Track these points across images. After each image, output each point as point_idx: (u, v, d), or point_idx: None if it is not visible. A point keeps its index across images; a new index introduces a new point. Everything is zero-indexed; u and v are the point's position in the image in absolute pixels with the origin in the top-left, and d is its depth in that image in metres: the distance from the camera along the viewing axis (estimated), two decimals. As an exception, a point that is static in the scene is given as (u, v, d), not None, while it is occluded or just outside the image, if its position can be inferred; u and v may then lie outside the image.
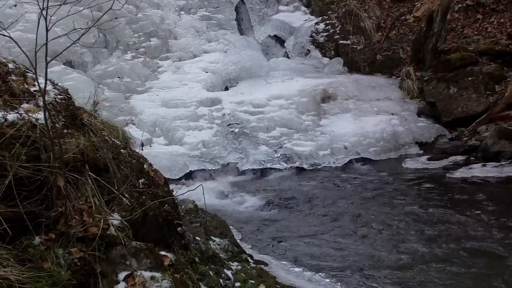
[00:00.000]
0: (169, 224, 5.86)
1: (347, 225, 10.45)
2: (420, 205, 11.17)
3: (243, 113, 16.09)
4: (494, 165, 13.03)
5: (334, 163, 14.74)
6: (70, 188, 4.87)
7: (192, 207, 8.94)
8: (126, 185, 5.23)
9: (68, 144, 5.02)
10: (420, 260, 8.61)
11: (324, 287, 7.75)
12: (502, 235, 9.34)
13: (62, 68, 16.01)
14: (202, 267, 6.26)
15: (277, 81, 18.51)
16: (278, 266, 8.48)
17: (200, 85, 17.74)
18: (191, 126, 15.23)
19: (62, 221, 4.68)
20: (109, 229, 4.91)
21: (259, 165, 14.42)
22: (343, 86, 18.01)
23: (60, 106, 5.45)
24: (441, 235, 9.54)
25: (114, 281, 4.70)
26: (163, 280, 4.82)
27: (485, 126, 15.13)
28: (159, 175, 6.25)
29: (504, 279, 7.77)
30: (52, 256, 4.35)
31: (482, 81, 16.29)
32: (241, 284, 7.10)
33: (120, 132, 6.54)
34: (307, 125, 15.98)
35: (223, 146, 14.74)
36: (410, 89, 17.83)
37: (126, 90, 17.03)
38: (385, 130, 15.78)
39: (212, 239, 8.13)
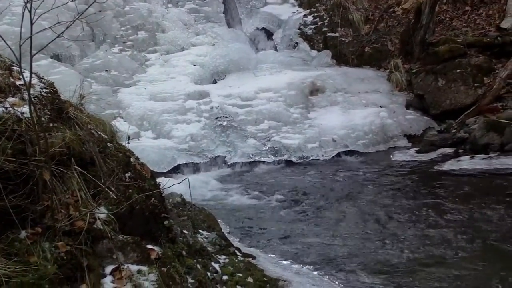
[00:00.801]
0: (156, 217, 5.84)
1: (335, 217, 10.45)
2: (408, 198, 11.19)
3: (231, 106, 16.08)
4: (483, 157, 13.05)
5: (322, 156, 14.75)
6: (56, 182, 4.84)
7: (179, 200, 8.91)
8: (112, 178, 5.21)
9: (54, 138, 5.00)
10: (408, 252, 8.62)
11: (312, 279, 7.74)
12: (490, 227, 9.37)
13: (49, 61, 15.96)
14: (190, 261, 6.25)
15: (265, 74, 18.47)
16: (266, 259, 8.47)
17: (188, 78, 17.71)
18: (179, 120, 15.21)
19: (48, 215, 4.66)
20: (95, 223, 4.89)
21: (247, 158, 14.42)
22: (332, 78, 18.01)
23: (46, 99, 5.42)
24: (429, 227, 9.55)
25: (100, 274, 4.69)
26: (150, 273, 4.81)
27: (474, 118, 15.16)
28: (145, 169, 6.23)
29: (494, 267, 7.81)
30: (39, 250, 4.33)
31: (471, 73, 16.32)
32: (228, 277, 7.10)
33: (106, 126, 6.51)
34: (296, 118, 15.97)
35: (211, 140, 14.73)
36: (399, 81, 17.85)
37: (113, 83, 16.98)
38: (374, 122, 15.79)
39: (200, 232, 8.11)
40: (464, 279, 7.61)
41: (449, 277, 7.71)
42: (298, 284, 7.55)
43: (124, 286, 4.63)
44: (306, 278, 7.80)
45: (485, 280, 7.58)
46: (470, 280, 7.59)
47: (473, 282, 7.54)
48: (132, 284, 4.65)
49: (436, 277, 7.74)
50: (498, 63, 16.70)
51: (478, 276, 7.71)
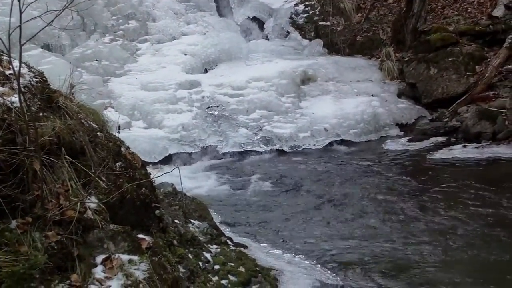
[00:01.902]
0: (147, 207, 5.83)
1: (327, 206, 10.46)
2: (400, 186, 11.21)
3: (223, 96, 16.05)
4: (475, 146, 13.09)
5: (314, 145, 14.74)
6: (46, 171, 4.81)
7: (170, 190, 8.89)
8: (103, 168, 5.19)
9: (44, 127, 4.97)
10: (399, 240, 8.64)
11: (304, 268, 7.75)
12: (483, 215, 9.39)
13: (39, 51, 15.89)
14: (181, 250, 6.24)
15: (257, 63, 18.46)
16: (257, 248, 8.48)
17: (179, 68, 17.65)
18: (170, 109, 15.18)
19: (38, 204, 4.64)
20: (86, 212, 4.86)
21: (239, 148, 14.41)
22: (323, 67, 17.99)
23: (36, 89, 5.39)
24: (421, 216, 9.57)
25: (91, 264, 4.67)
26: (141, 263, 4.79)
27: (466, 107, 15.17)
28: (136, 158, 6.20)
29: (488, 251, 7.83)
30: (29, 240, 4.31)
31: (463, 61, 16.31)
32: (220, 266, 7.10)
33: (97, 115, 6.49)
34: (287, 107, 15.95)
35: (202, 129, 14.71)
36: (390, 70, 17.83)
37: (104, 73, 16.91)
38: (365, 111, 15.78)
39: (191, 222, 8.11)
40: (458, 264, 7.63)
41: (443, 264, 7.73)
42: (290, 273, 7.56)
43: (115, 275, 4.61)
44: (298, 267, 7.82)
45: (480, 265, 7.61)
46: (463, 264, 7.61)
47: (467, 267, 7.57)
48: (123, 274, 4.63)
49: (429, 265, 7.76)
50: (490, 52, 16.68)
51: (474, 261, 7.73)
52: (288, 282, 7.30)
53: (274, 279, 7.27)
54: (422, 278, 7.43)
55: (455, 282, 7.29)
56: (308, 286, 7.21)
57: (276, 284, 7.16)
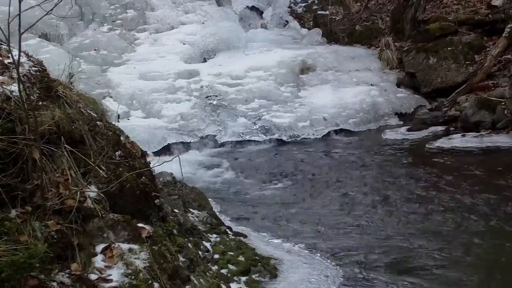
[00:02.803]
0: (147, 196, 5.83)
1: (327, 196, 10.45)
2: (399, 176, 11.19)
3: (221, 85, 16.02)
4: (474, 135, 13.05)
5: (313, 135, 14.71)
6: (46, 160, 4.81)
7: (170, 179, 8.90)
8: (102, 157, 5.18)
9: (43, 116, 4.97)
10: (400, 229, 8.63)
11: (303, 258, 7.74)
12: (483, 204, 9.37)
13: (37, 41, 15.86)
14: (181, 239, 6.24)
15: (256, 52, 18.41)
16: (257, 237, 8.48)
17: (177, 57, 17.63)
18: (169, 99, 15.15)
19: (38, 194, 4.64)
20: (85, 201, 4.87)
21: (238, 137, 14.38)
22: (322, 57, 17.96)
23: (35, 78, 5.39)
24: (420, 205, 9.56)
25: (91, 253, 4.67)
26: (141, 252, 4.79)
27: (465, 96, 15.15)
28: (136, 147, 6.20)
29: (486, 239, 7.84)
30: (29, 229, 4.31)
31: (462, 51, 16.30)
32: (220, 255, 7.10)
33: (96, 104, 6.48)
34: (286, 96, 15.92)
35: (201, 119, 14.69)
36: (390, 59, 17.80)
37: (102, 62, 16.89)
38: (365, 101, 15.75)
39: (191, 211, 8.11)
40: (455, 253, 7.63)
41: (444, 252, 7.72)
42: (289, 262, 7.56)
43: (115, 264, 4.62)
44: (298, 256, 7.81)
45: (482, 253, 7.61)
46: (463, 252, 7.61)
47: (467, 254, 7.57)
48: (123, 263, 4.64)
49: (430, 253, 7.76)
50: (489, 41, 16.69)
51: (474, 248, 7.73)
52: (287, 271, 7.29)
53: (274, 268, 7.27)
54: (423, 266, 7.41)
55: (456, 270, 7.29)
56: (307, 275, 7.21)
57: (275, 273, 7.16)
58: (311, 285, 6.96)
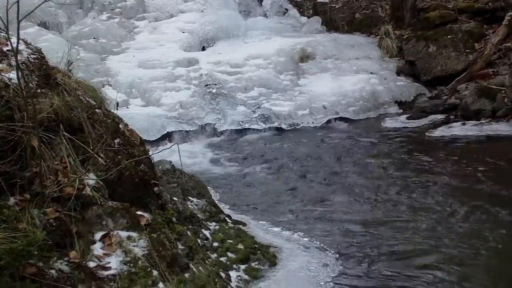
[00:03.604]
0: (146, 184, 5.82)
1: (326, 184, 10.44)
2: (399, 164, 11.19)
3: (221, 73, 15.97)
4: (474, 124, 13.04)
5: (313, 123, 14.70)
6: (45, 148, 4.81)
7: (169, 167, 8.89)
8: (101, 144, 5.17)
9: (42, 104, 4.96)
10: (398, 216, 8.63)
11: (302, 246, 7.74)
12: (482, 192, 9.38)
13: (36, 29, 15.83)
14: (180, 227, 6.24)
15: (255, 40, 18.38)
16: (256, 226, 8.48)
17: (177, 46, 17.58)
18: (168, 87, 15.11)
19: (37, 181, 4.63)
20: (84, 189, 4.86)
21: (237, 125, 14.36)
22: (322, 45, 17.92)
23: (33, 65, 5.39)
24: (420, 193, 9.55)
25: (90, 241, 4.67)
26: (140, 239, 4.79)
27: (465, 84, 15.11)
28: (135, 135, 6.19)
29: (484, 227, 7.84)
30: (27, 217, 4.31)
31: (462, 39, 16.26)
32: (219, 243, 7.10)
33: (95, 92, 6.46)
34: (286, 85, 15.88)
35: (200, 107, 14.66)
36: (389, 48, 17.76)
37: (102, 51, 16.85)
38: (364, 89, 15.72)
39: (190, 199, 8.11)
40: (457, 240, 7.63)
41: (444, 242, 7.72)
42: (288, 250, 7.57)
43: (114, 252, 4.62)
44: (297, 244, 7.81)
45: (482, 240, 7.61)
46: (465, 241, 7.61)
47: (467, 242, 7.57)
48: (122, 250, 4.64)
49: (429, 244, 7.76)
50: (489, 29, 16.63)
51: (473, 236, 7.73)
52: (287, 259, 7.30)
53: (273, 256, 7.27)
54: (422, 257, 7.40)
55: (456, 259, 7.29)
56: (307, 263, 7.21)
57: (275, 261, 7.16)
58: (310, 273, 6.96)
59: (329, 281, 6.79)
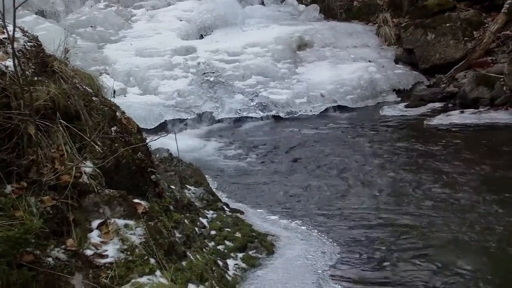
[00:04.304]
0: (143, 172, 5.80)
1: (324, 172, 10.44)
2: (397, 152, 11.18)
3: (218, 62, 15.95)
4: (472, 112, 13.05)
5: (310, 111, 14.70)
6: (41, 136, 4.79)
7: (166, 155, 8.89)
8: (98, 132, 5.15)
9: (39, 92, 4.94)
10: (398, 205, 8.62)
11: (300, 234, 7.74)
12: (480, 180, 9.37)
13: (34, 17, 15.76)
14: (177, 215, 6.23)
15: (253, 29, 18.38)
16: (254, 214, 8.48)
17: (174, 34, 17.55)
18: (165, 75, 15.09)
19: (33, 169, 4.62)
20: (81, 177, 4.84)
21: (235, 114, 14.36)
22: (320, 33, 17.91)
23: (30, 53, 5.37)
24: (419, 182, 9.55)
25: (87, 229, 4.65)
26: (137, 227, 4.78)
27: (463, 72, 15.13)
28: (132, 123, 6.17)
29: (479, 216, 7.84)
30: (24, 205, 4.30)
31: (460, 27, 16.25)
32: (216, 232, 7.10)
33: (92, 80, 6.44)
34: (283, 73, 15.87)
35: (198, 95, 14.64)
36: (388, 36, 17.75)
37: (99, 39, 16.81)
38: (362, 77, 15.72)
39: (187, 187, 8.10)
40: (454, 228, 7.63)
41: (442, 229, 7.72)
42: (286, 238, 7.57)
43: (111, 240, 4.60)
44: (295, 232, 7.81)
45: (480, 227, 7.61)
46: (462, 228, 7.61)
47: (466, 229, 7.57)
48: (119, 238, 4.62)
49: (426, 228, 7.76)
50: (488, 17, 16.63)
51: (471, 222, 7.73)
52: (284, 247, 7.30)
53: (271, 244, 7.28)
54: (421, 244, 7.41)
55: (454, 244, 7.30)
56: (304, 251, 7.21)
57: (272, 249, 7.17)
58: (308, 262, 6.96)
59: (326, 269, 6.79)
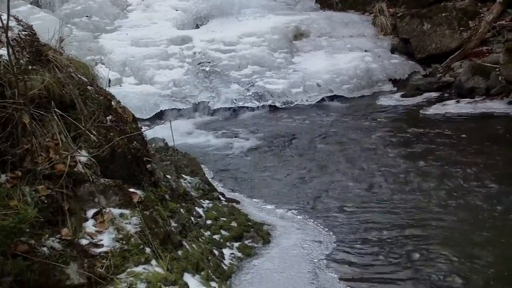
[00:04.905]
0: (138, 161, 5.79)
1: (320, 162, 10.42)
2: (393, 142, 11.18)
3: (214, 51, 15.92)
4: (468, 101, 13.06)
5: (307, 101, 14.67)
6: (36, 125, 4.78)
7: (162, 145, 8.86)
8: (93, 121, 5.13)
9: (33, 81, 4.93)
10: (393, 194, 8.62)
11: (296, 223, 7.74)
12: (474, 170, 9.37)
13: (28, 7, 15.71)
14: (173, 205, 6.21)
15: (249, 18, 18.31)
16: (250, 203, 8.47)
17: (170, 24, 17.51)
18: (161, 65, 15.05)
19: (28, 158, 4.61)
20: (76, 166, 4.83)
21: (231, 103, 14.33)
22: (316, 23, 17.85)
23: (25, 42, 5.35)
24: (414, 171, 9.55)
25: (82, 218, 4.65)
26: (132, 217, 4.77)
27: (459, 62, 15.11)
28: (127, 112, 6.15)
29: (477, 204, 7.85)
30: (19, 194, 4.29)
31: (456, 17, 16.21)
32: (212, 221, 7.10)
33: (87, 69, 6.42)
34: (279, 62, 15.84)
35: (194, 85, 14.61)
36: (384, 25, 17.70)
37: (94, 29, 16.77)
38: (358, 67, 15.69)
39: (183, 177, 8.09)
40: (451, 217, 7.64)
41: (438, 217, 7.73)
42: (282, 228, 7.57)
43: (106, 229, 4.60)
44: (291, 222, 7.81)
45: (473, 214, 7.61)
46: (459, 217, 7.62)
47: (460, 217, 7.58)
48: (114, 228, 4.62)
49: (421, 216, 7.77)
50: (484, 7, 16.57)
51: (466, 210, 7.74)
52: (280, 236, 7.30)
53: (267, 233, 7.28)
54: (418, 231, 7.42)
55: (450, 230, 7.31)
56: (300, 240, 7.21)
57: (268, 238, 7.18)
58: (304, 251, 6.96)
59: (322, 258, 6.79)
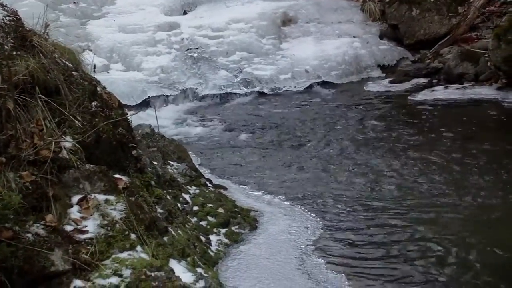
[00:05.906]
0: (124, 147, 5.76)
1: (308, 148, 10.44)
2: (382, 128, 11.20)
3: (202, 38, 15.86)
4: (457, 87, 13.07)
5: (295, 87, 14.65)
6: (20, 110, 4.75)
7: (148, 131, 8.84)
8: (78, 106, 5.10)
9: (18, 66, 4.89)
10: (380, 181, 8.65)
11: (283, 209, 7.76)
12: (461, 155, 9.40)
13: (15, -7, 15.62)
14: (159, 191, 6.20)
15: (237, 4, 18.22)
16: (237, 190, 8.48)
17: (157, 10, 17.42)
18: (149, 52, 14.99)
19: (12, 144, 4.58)
20: (61, 152, 4.80)
21: (219, 90, 14.30)
22: (304, 9, 17.80)
23: (9, 27, 5.31)
24: (402, 157, 9.57)
25: (67, 204, 4.62)
26: (118, 203, 4.74)
27: (448, 48, 15.11)
28: (113, 98, 6.12)
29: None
30: (3, 180, 4.26)
31: (445, 2, 16.19)
32: (199, 208, 7.10)
33: (72, 54, 6.38)
34: (268, 49, 15.81)
35: (182, 71, 14.56)
36: (372, 11, 17.67)
37: (82, 15, 16.65)
38: (347, 53, 15.67)
39: (170, 163, 8.07)
40: (439, 205, 7.66)
41: (425, 202, 7.76)
42: (269, 214, 7.58)
43: (91, 215, 4.57)
44: (278, 208, 7.83)
45: (464, 201, 7.64)
46: (447, 203, 7.64)
47: (450, 203, 7.59)
48: (99, 214, 4.59)
49: (409, 202, 7.81)
50: (472, -8, 16.60)
51: (455, 195, 7.76)
52: (267, 222, 7.32)
53: (254, 219, 7.30)
54: (404, 218, 7.44)
55: (438, 214, 7.34)
56: (287, 226, 7.23)
57: (255, 224, 7.19)
58: (291, 237, 6.98)
59: (309, 244, 6.81)
